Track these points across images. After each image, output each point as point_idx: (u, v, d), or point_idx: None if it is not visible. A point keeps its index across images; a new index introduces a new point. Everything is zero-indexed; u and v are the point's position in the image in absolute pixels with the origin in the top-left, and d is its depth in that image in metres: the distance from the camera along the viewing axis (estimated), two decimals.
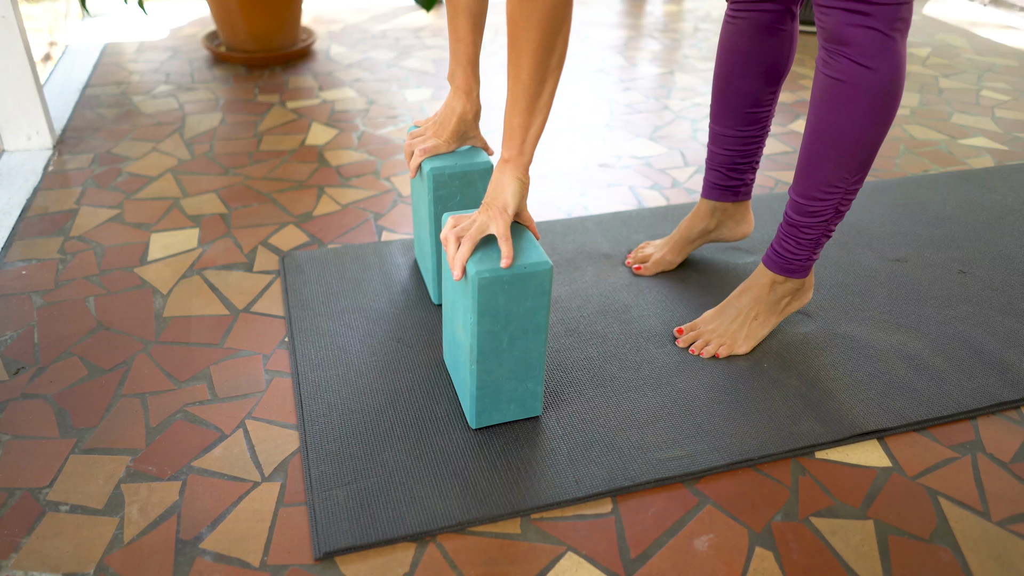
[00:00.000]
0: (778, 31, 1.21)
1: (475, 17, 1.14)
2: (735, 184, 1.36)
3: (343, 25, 2.73)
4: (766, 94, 1.27)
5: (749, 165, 1.34)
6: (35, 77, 1.75)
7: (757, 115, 1.29)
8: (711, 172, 1.36)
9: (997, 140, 1.96)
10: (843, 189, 1.09)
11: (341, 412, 1.09)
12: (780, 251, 1.18)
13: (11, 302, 1.31)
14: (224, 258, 1.44)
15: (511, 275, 0.94)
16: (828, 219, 1.12)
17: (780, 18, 1.20)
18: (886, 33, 0.97)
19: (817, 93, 1.05)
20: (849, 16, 0.97)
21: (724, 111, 1.30)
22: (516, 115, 0.94)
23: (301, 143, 1.87)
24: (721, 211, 1.39)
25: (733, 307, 1.23)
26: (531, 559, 0.91)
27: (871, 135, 1.04)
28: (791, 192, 1.14)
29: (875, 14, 0.96)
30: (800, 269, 1.19)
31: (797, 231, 1.15)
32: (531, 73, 0.91)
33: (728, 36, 1.25)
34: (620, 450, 1.04)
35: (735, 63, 1.25)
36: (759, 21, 1.21)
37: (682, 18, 2.90)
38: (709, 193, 1.38)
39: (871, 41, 0.97)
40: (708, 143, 1.36)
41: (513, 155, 0.96)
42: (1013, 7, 3.07)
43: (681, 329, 1.24)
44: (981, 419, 1.12)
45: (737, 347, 1.21)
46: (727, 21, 1.25)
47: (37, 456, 1.03)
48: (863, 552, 0.93)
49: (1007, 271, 1.43)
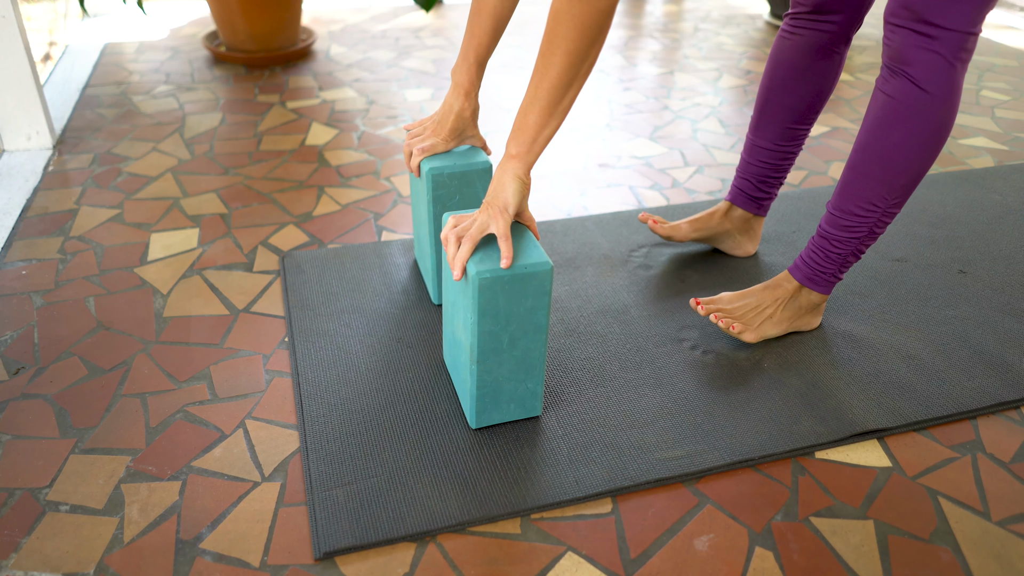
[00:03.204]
0: (832, 53, 1.24)
1: (497, 21, 1.14)
2: (761, 197, 1.39)
3: (343, 25, 2.73)
4: (808, 113, 1.29)
5: (778, 180, 1.37)
6: (35, 77, 1.75)
7: (796, 132, 1.31)
8: (741, 180, 1.39)
9: (997, 140, 1.96)
10: (881, 209, 1.10)
11: (341, 412, 1.09)
12: (808, 261, 1.20)
13: (11, 302, 1.31)
14: (224, 258, 1.44)
15: (511, 275, 0.94)
16: (862, 237, 1.14)
17: (835, 40, 1.23)
18: (949, 60, 0.99)
19: (872, 110, 1.07)
20: (917, 38, 0.99)
21: (766, 124, 1.32)
22: (533, 112, 0.93)
23: (301, 143, 1.87)
24: (741, 220, 1.42)
25: (754, 297, 1.23)
26: (531, 559, 0.91)
27: (917, 158, 1.05)
28: (829, 206, 1.15)
29: (942, 39, 0.98)
30: (823, 283, 1.20)
31: (828, 244, 1.16)
32: (560, 74, 0.90)
33: (781, 50, 1.27)
34: (620, 450, 1.04)
35: (786, 78, 1.27)
36: (814, 41, 1.23)
37: (682, 18, 2.90)
38: (735, 198, 1.41)
39: (933, 65, 1.00)
40: (743, 152, 1.38)
41: (520, 152, 0.95)
42: (1013, 7, 3.07)
43: (699, 300, 1.23)
44: (981, 419, 1.12)
45: (746, 335, 1.21)
46: (782, 36, 1.26)
47: (37, 456, 1.03)
48: (863, 552, 0.93)
49: (1007, 271, 1.43)
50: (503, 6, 1.13)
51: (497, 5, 1.13)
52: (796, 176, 1.78)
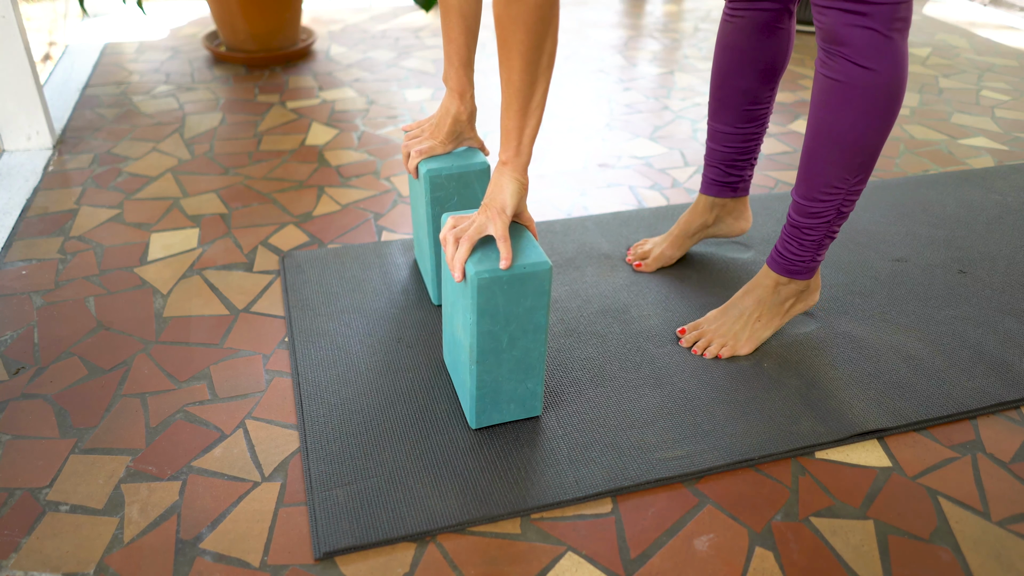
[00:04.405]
0: (776, 30, 1.22)
1: (467, 19, 1.14)
2: (733, 180, 1.36)
3: (343, 25, 2.73)
4: (764, 92, 1.27)
5: (748, 162, 1.35)
6: (35, 77, 1.75)
7: (755, 112, 1.29)
8: (710, 168, 1.37)
9: (997, 140, 1.96)
10: (844, 190, 1.09)
11: (341, 412, 1.09)
12: (783, 252, 1.18)
13: (11, 302, 1.31)
14: (224, 258, 1.44)
15: (511, 275, 0.94)
16: (830, 220, 1.12)
17: (778, 17, 1.21)
18: (884, 33, 0.97)
19: (816, 94, 1.05)
20: (846, 16, 0.96)
21: (722, 109, 1.30)
22: (510, 117, 0.94)
23: (301, 143, 1.87)
24: (720, 207, 1.40)
25: (736, 308, 1.23)
26: (531, 559, 0.91)
27: (871, 136, 1.03)
28: (793, 193, 1.14)
29: (872, 14, 0.95)
30: (804, 271, 1.19)
31: (800, 232, 1.15)
32: (521, 75, 0.91)
33: (726, 34, 1.25)
34: (620, 450, 1.04)
35: (733, 61, 1.25)
36: (757, 20, 1.21)
37: (682, 18, 2.90)
38: (708, 189, 1.38)
39: (869, 41, 0.97)
40: (707, 140, 1.36)
41: (510, 157, 0.96)
42: (1013, 7, 3.07)
43: (684, 329, 1.24)
44: (981, 419, 1.12)
45: (739, 348, 1.21)
46: (725, 20, 1.25)
47: (37, 456, 1.03)
48: (863, 552, 0.93)
49: (1007, 271, 1.43)
50: (467, 4, 1.13)
51: (462, 4, 1.13)
52: (790, 176, 1.77)
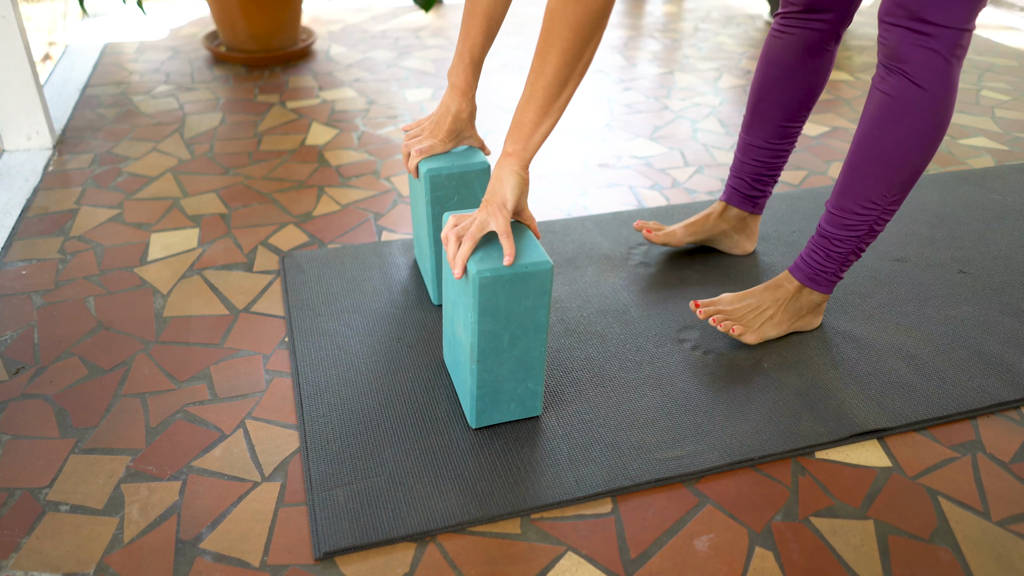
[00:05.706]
0: (823, 51, 1.24)
1: (491, 21, 1.14)
2: (756, 195, 1.39)
3: (343, 25, 2.73)
4: (801, 111, 1.30)
5: (772, 178, 1.38)
6: (35, 77, 1.75)
7: (788, 130, 1.32)
8: (735, 180, 1.39)
9: (997, 140, 1.96)
10: (881, 207, 1.11)
11: (341, 412, 1.09)
12: (808, 260, 1.20)
13: (11, 302, 1.31)
14: (224, 258, 1.44)
15: (512, 274, 0.94)
16: (862, 235, 1.14)
17: (826, 38, 1.23)
18: (945, 57, 1.00)
19: (868, 108, 1.07)
20: (912, 36, 1.00)
21: (758, 123, 1.33)
22: (530, 111, 0.94)
23: (301, 143, 1.87)
24: (737, 219, 1.42)
25: (754, 299, 1.23)
26: (531, 559, 0.91)
27: (916, 155, 1.06)
28: (828, 205, 1.15)
29: (937, 36, 0.98)
30: (825, 283, 1.20)
31: (828, 243, 1.16)
32: (556, 72, 0.91)
33: (772, 49, 1.27)
34: (620, 450, 1.04)
35: (777, 77, 1.28)
36: (806, 39, 1.23)
37: (682, 18, 2.90)
38: (730, 198, 1.41)
39: (930, 62, 1.00)
40: (736, 152, 1.38)
41: (517, 149, 0.96)
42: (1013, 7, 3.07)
43: (698, 303, 1.23)
44: (981, 419, 1.12)
45: (747, 336, 1.21)
46: (773, 35, 1.27)
47: (37, 456, 1.03)
48: (863, 552, 0.93)
49: (1007, 271, 1.43)
50: (496, 5, 1.13)
51: (491, 5, 1.13)
52: (796, 176, 1.78)
